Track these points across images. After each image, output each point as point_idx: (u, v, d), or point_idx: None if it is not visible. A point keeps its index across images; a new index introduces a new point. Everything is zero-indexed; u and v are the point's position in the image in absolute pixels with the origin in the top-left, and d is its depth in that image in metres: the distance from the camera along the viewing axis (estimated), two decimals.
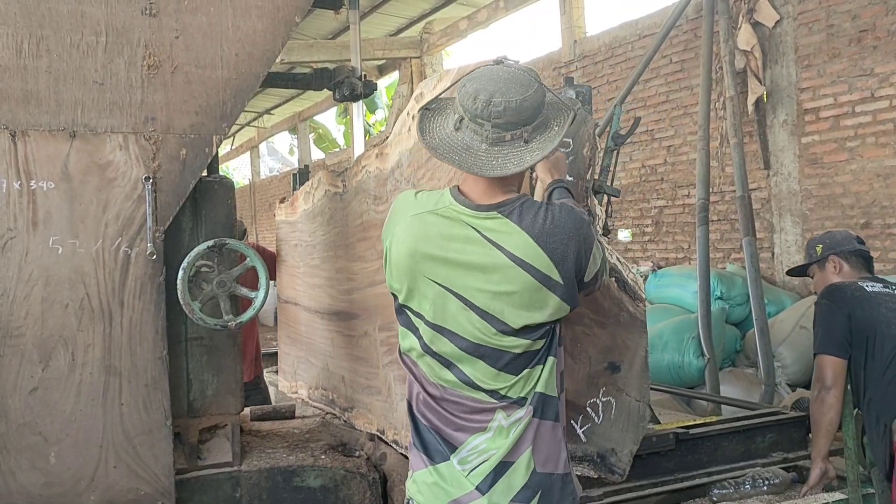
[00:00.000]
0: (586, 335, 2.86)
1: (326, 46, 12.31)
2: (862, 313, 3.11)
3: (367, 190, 3.79)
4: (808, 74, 6.84)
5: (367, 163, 3.81)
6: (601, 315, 2.89)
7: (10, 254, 3.00)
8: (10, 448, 2.99)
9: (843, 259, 3.39)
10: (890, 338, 3.06)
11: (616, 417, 2.87)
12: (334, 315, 4.45)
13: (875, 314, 3.10)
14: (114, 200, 3.13)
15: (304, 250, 5.00)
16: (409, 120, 3.32)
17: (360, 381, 4.11)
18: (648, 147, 8.52)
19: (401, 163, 3.43)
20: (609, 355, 2.86)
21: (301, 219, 5.08)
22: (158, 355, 3.18)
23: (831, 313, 3.17)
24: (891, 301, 3.16)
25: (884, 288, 3.22)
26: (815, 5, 6.77)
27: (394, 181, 3.50)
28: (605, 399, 2.86)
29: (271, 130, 20.57)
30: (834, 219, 6.69)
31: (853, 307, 3.13)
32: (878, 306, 3.12)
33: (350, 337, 4.18)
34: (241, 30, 3.33)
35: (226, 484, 3.42)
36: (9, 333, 2.99)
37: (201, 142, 3.27)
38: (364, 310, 3.95)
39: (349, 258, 4.11)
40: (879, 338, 3.07)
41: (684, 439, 3.36)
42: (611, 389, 2.87)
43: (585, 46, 9.37)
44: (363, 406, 4.06)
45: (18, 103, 3.01)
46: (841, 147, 6.62)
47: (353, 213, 4.03)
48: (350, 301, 4.15)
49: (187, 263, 3.16)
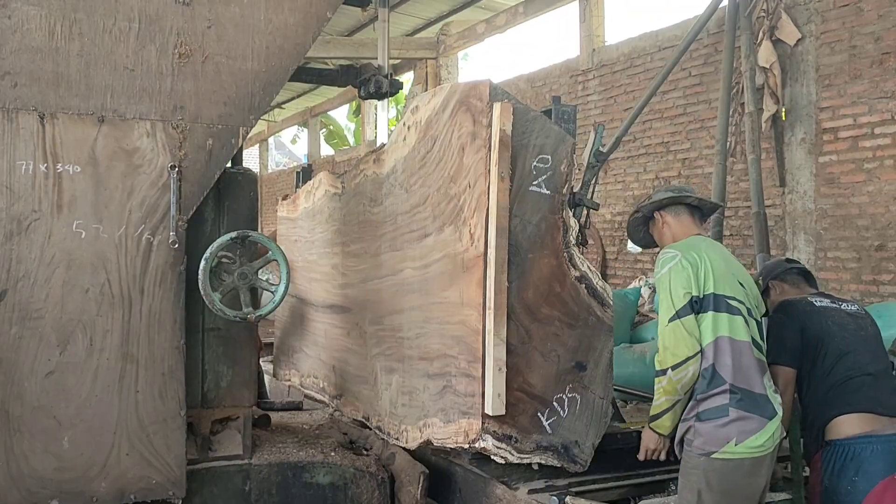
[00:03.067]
0: (556, 335, 3.06)
1: (343, 43, 12.32)
2: (812, 326, 3.34)
3: (365, 192, 3.98)
4: (829, 94, 6.82)
5: (366, 167, 4.01)
6: (571, 318, 3.12)
7: (34, 236, 2.99)
8: (24, 431, 2.98)
9: (780, 281, 3.69)
10: (834, 348, 3.29)
11: (581, 412, 3.12)
12: (328, 308, 4.63)
13: (824, 327, 3.33)
14: (139, 187, 3.12)
15: (303, 246, 5.16)
16: (405, 130, 3.54)
17: (349, 370, 4.27)
18: (663, 159, 8.51)
19: (396, 169, 3.63)
20: (576, 355, 3.11)
21: (302, 216, 5.26)
22: (176, 344, 3.17)
23: (785, 326, 3.38)
24: (837, 315, 3.39)
25: (831, 303, 3.47)
26: (838, 25, 6.76)
27: (389, 185, 3.70)
28: (570, 395, 3.10)
29: (281, 124, 20.57)
30: (848, 239, 6.67)
31: (805, 320, 3.36)
32: (826, 319, 3.36)
33: (342, 329, 4.36)
34: (273, 23, 3.32)
35: (236, 476, 3.40)
36: (28, 316, 2.98)
37: (228, 133, 3.26)
38: (356, 304, 4.14)
39: (345, 255, 4.30)
40: (825, 348, 3.30)
41: None
42: (577, 386, 3.11)
43: (604, 55, 9.36)
44: (351, 394, 4.24)
45: (49, 85, 3.01)
46: (859, 168, 6.60)
47: (350, 213, 4.21)
48: (344, 296, 4.34)
49: (210, 254, 3.15)
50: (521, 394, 3.01)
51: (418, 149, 3.41)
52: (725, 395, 2.92)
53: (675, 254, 3.08)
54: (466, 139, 3.05)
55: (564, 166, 3.09)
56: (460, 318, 3.07)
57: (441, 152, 3.23)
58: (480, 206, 2.95)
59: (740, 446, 2.88)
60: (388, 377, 3.72)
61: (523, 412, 3.02)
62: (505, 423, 2.97)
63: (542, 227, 3.06)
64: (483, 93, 2.99)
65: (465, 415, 3.03)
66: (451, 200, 3.14)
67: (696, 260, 3.03)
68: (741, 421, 2.90)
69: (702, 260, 3.03)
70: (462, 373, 3.05)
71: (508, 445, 2.98)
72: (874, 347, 3.38)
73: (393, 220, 3.64)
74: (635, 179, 8.84)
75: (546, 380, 3.05)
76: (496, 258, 2.90)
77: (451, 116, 3.14)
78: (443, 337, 3.19)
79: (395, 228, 3.62)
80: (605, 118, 9.19)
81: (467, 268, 3.03)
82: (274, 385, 5.78)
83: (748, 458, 2.90)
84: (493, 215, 2.91)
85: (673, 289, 3.00)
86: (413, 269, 3.44)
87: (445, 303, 3.18)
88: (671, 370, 2.96)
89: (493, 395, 2.88)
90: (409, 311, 3.49)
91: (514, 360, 2.96)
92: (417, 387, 3.40)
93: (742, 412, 2.90)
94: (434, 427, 3.24)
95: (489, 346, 2.90)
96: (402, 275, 3.54)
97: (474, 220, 2.99)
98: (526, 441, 3.03)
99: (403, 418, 3.55)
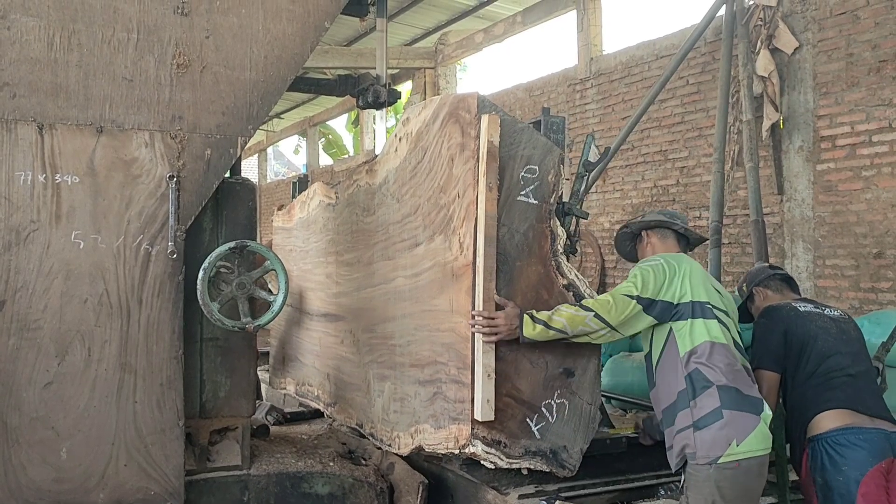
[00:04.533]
0: (545, 342, 3.06)
1: (341, 53, 12.35)
2: (796, 329, 3.41)
3: (358, 202, 4.07)
4: (826, 102, 6.83)
5: (358, 177, 4.10)
6: None
7: (32, 246, 2.99)
8: (22, 442, 2.98)
9: (764, 287, 3.75)
10: (816, 351, 3.36)
11: (569, 418, 3.16)
12: (322, 317, 4.71)
13: (806, 331, 3.40)
14: (137, 197, 3.13)
15: (298, 255, 5.23)
16: (396, 141, 3.63)
17: (343, 378, 4.34)
18: (661, 167, 8.51)
19: (388, 179, 3.72)
20: (564, 361, 3.14)
21: (297, 226, 5.34)
22: (174, 354, 3.17)
23: (768, 331, 3.44)
24: (819, 319, 3.47)
25: (814, 308, 3.55)
26: (835, 34, 6.78)
27: (381, 196, 3.78)
28: (559, 401, 3.14)
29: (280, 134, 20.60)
30: (846, 247, 6.67)
31: (788, 324, 3.43)
32: (810, 324, 3.43)
33: (336, 337, 4.44)
34: (272, 32, 3.33)
35: (234, 487, 3.39)
36: (26, 326, 2.98)
37: (226, 142, 3.27)
38: (350, 312, 4.22)
39: (338, 264, 4.38)
40: (808, 351, 3.37)
41: (635, 443, 3.59)
42: (565, 392, 3.15)
43: (602, 64, 9.38)
44: (345, 402, 4.30)
45: (47, 96, 3.02)
46: (856, 176, 6.61)
47: (343, 223, 4.30)
48: (338, 304, 4.42)
49: (208, 264, 3.15)
50: (509, 399, 3.05)
51: (409, 160, 3.48)
52: (715, 398, 2.94)
53: (657, 259, 3.17)
54: (455, 150, 3.11)
55: (552, 176, 3.15)
56: (450, 325, 3.12)
57: (431, 163, 3.29)
58: (469, 216, 3.02)
59: (742, 445, 2.89)
60: (380, 384, 3.77)
61: (512, 417, 3.06)
62: (494, 428, 3.01)
63: (530, 236, 3.12)
64: (471, 105, 3.06)
65: (455, 421, 3.07)
66: (441, 210, 3.20)
67: (675, 268, 3.09)
68: (737, 420, 2.92)
69: (680, 267, 3.09)
70: (452, 379, 3.10)
71: (498, 450, 3.02)
72: (856, 350, 3.45)
73: (385, 230, 3.71)
74: (633, 188, 8.84)
75: (534, 386, 3.10)
76: (484, 266, 2.96)
77: (441, 128, 3.21)
78: (433, 344, 3.24)
79: (388, 238, 3.68)
80: (603, 127, 9.20)
81: (457, 276, 3.09)
82: (270, 393, 5.79)
83: (754, 459, 2.92)
84: (482, 224, 2.97)
85: (645, 279, 3.04)
86: (404, 278, 3.50)
87: (436, 310, 3.23)
88: (594, 316, 2.97)
89: (482, 400, 2.93)
90: (400, 318, 3.54)
91: (503, 366, 3.01)
92: (409, 393, 3.45)
93: (735, 412, 2.92)
94: (425, 433, 3.28)
95: (478, 352, 2.96)
96: (394, 283, 3.60)
97: (463, 229, 3.05)
98: (515, 446, 3.06)
99: (395, 425, 3.58)
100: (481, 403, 2.93)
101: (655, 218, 3.47)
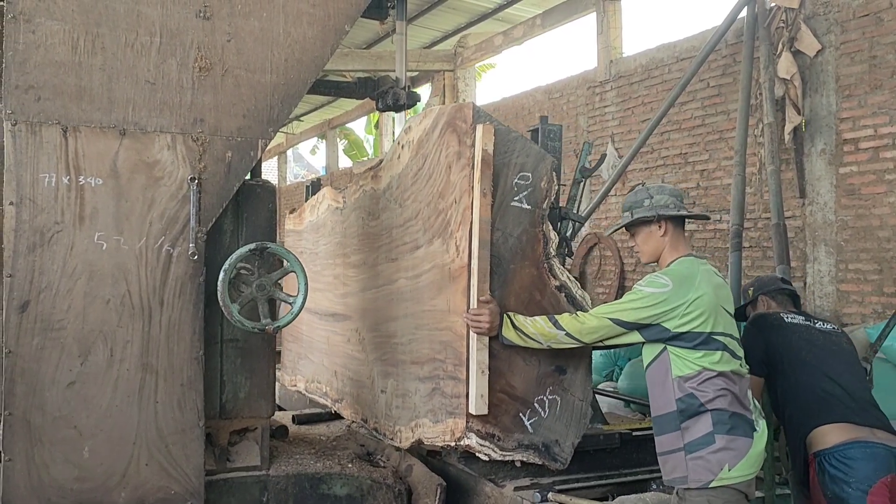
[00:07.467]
0: None
1: (361, 56, 12.37)
2: (776, 339, 3.53)
3: (363, 206, 4.27)
4: (849, 104, 6.76)
5: (364, 183, 4.30)
6: None
7: (56, 247, 3.03)
8: (45, 440, 3.01)
9: (770, 298, 3.85)
10: (799, 362, 3.46)
11: (561, 413, 3.31)
12: (330, 316, 4.93)
13: (787, 341, 3.52)
14: (159, 199, 3.16)
15: (308, 258, 5.42)
16: (399, 148, 3.80)
17: (349, 375, 4.54)
18: (681, 170, 8.46)
19: (391, 185, 3.89)
20: (557, 359, 3.28)
21: (307, 229, 5.57)
22: (195, 355, 3.20)
23: (752, 337, 3.54)
24: (806, 332, 3.56)
25: (804, 320, 3.64)
26: (858, 36, 6.71)
27: (385, 200, 3.96)
28: (551, 397, 3.28)
29: (300, 137, 20.67)
30: (869, 251, 6.60)
31: (769, 333, 3.56)
32: (792, 335, 3.54)
33: (343, 336, 4.66)
34: (292, 36, 3.35)
35: (253, 487, 3.42)
36: (50, 326, 3.02)
37: (247, 145, 3.29)
38: (356, 312, 4.43)
39: (346, 266, 4.59)
40: (788, 361, 3.48)
41: (628, 439, 3.79)
42: (557, 389, 3.30)
43: (621, 67, 9.34)
44: (351, 398, 4.49)
45: (71, 99, 3.05)
46: (880, 179, 6.53)
47: (350, 227, 4.51)
48: (345, 304, 4.63)
49: (229, 265, 3.17)
50: (503, 395, 3.19)
51: (411, 166, 3.64)
52: (707, 423, 2.85)
53: (666, 284, 2.93)
54: (453, 158, 3.27)
55: (545, 182, 3.30)
56: (447, 324, 3.26)
57: (431, 170, 3.45)
58: (465, 220, 3.15)
59: (734, 470, 2.82)
60: (384, 381, 3.93)
61: (506, 412, 3.20)
62: (488, 422, 3.15)
63: (524, 240, 3.26)
64: (467, 115, 3.21)
65: (451, 415, 3.22)
66: (440, 215, 3.35)
67: (682, 296, 2.89)
68: (730, 445, 2.84)
69: (688, 294, 2.88)
70: (449, 376, 3.24)
71: (491, 443, 3.17)
72: (847, 361, 3.52)
73: (388, 233, 3.88)
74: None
75: (527, 382, 3.24)
76: (479, 268, 3.10)
77: (440, 136, 3.37)
78: (432, 342, 3.39)
79: (391, 241, 3.85)
80: (623, 130, 9.17)
81: (454, 278, 3.22)
82: (283, 391, 5.86)
83: (744, 482, 2.85)
84: (476, 228, 3.11)
85: (634, 306, 2.92)
86: (406, 279, 3.66)
87: (434, 310, 3.38)
88: (566, 335, 3.01)
89: (476, 395, 3.08)
90: (402, 318, 3.71)
91: (497, 363, 3.16)
92: (410, 389, 3.60)
93: (727, 436, 2.84)
94: (424, 427, 3.43)
95: (473, 350, 3.10)
96: (397, 284, 3.77)
97: (460, 233, 3.18)
98: (508, 439, 3.20)
99: (397, 419, 3.74)
100: (475, 398, 3.08)
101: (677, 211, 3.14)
